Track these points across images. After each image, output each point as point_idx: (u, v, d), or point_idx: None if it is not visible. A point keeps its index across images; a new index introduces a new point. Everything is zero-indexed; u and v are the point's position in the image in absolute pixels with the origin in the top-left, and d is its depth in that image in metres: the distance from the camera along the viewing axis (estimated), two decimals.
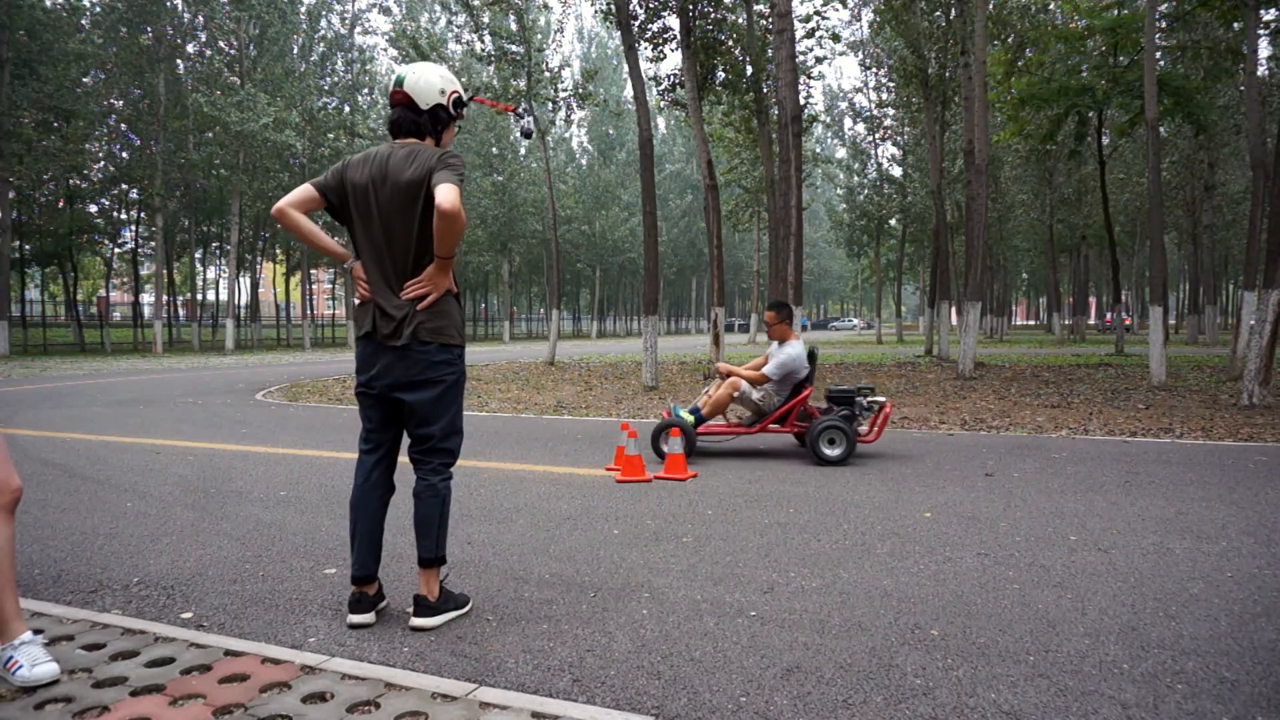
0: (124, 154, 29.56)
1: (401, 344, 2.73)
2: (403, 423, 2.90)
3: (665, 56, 15.25)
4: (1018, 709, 2.18)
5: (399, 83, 2.84)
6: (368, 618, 2.82)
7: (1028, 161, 26.40)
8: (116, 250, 36.16)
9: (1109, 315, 45.84)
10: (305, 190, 2.79)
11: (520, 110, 3.18)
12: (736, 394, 6.26)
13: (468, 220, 38.32)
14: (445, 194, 2.56)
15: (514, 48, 16.99)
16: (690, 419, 6.17)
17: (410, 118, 2.84)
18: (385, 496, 2.92)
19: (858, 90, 32.05)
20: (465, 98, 2.97)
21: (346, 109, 32.90)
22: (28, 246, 30.08)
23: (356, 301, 2.87)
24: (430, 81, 2.85)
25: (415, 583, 3.24)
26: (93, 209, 31.29)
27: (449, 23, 19.87)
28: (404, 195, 2.71)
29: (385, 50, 45.41)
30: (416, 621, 2.79)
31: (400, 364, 2.75)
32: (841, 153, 37.94)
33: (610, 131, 53.01)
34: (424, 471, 2.86)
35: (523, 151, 43.07)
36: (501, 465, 5.99)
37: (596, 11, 15.27)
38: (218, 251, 40.88)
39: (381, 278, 2.78)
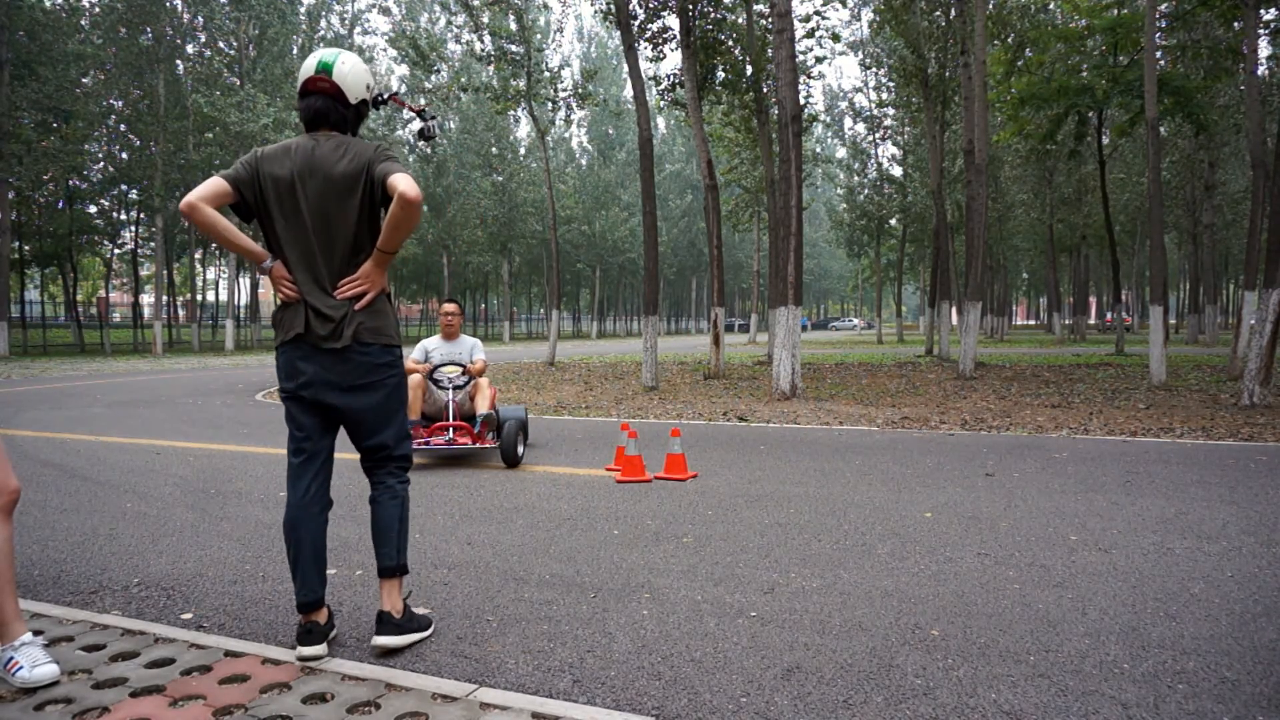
0: (124, 155, 29.57)
1: (341, 345, 2.52)
2: (339, 431, 2.70)
3: (665, 56, 15.26)
4: (1018, 709, 2.18)
5: (324, 69, 2.59)
6: (320, 649, 2.50)
7: (1028, 161, 26.40)
8: (116, 251, 36.17)
9: (1109, 315, 45.86)
10: (215, 183, 2.49)
11: (425, 112, 3.18)
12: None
13: (466, 220, 38.66)
14: (407, 183, 2.42)
15: (514, 48, 16.99)
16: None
17: (339, 110, 2.63)
18: (325, 512, 2.65)
19: (858, 90, 32.06)
20: (384, 95, 2.84)
21: None
22: (27, 247, 30.08)
23: (278, 303, 2.62)
24: (360, 74, 2.66)
25: (412, 581, 3.25)
26: (92, 210, 31.30)
27: (449, 23, 19.87)
28: (339, 188, 2.53)
29: (385, 50, 45.48)
30: (381, 641, 2.54)
31: (340, 367, 2.55)
32: (841, 153, 37.94)
33: (610, 131, 53.03)
34: (380, 476, 2.70)
35: (522, 152, 43.10)
36: (501, 466, 5.99)
37: (596, 11, 15.27)
38: (218, 252, 40.86)
39: (312, 277, 2.55)
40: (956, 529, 4.01)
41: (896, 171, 31.81)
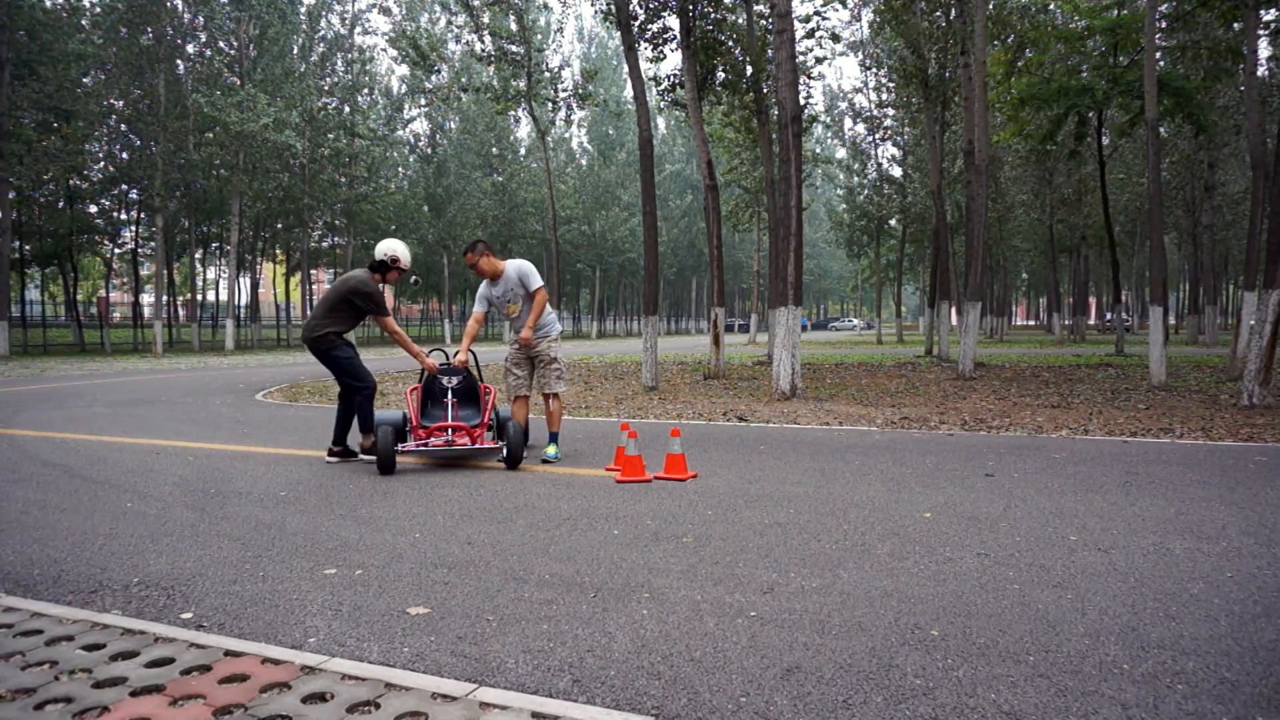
0: (124, 154, 29.56)
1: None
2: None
3: (665, 56, 15.24)
4: (1018, 709, 2.18)
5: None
6: None
7: (1028, 161, 26.39)
8: (116, 251, 36.16)
9: (1109, 315, 45.86)
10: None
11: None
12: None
13: (468, 221, 39.26)
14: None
15: (514, 48, 17.01)
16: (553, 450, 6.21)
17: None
18: None
19: (858, 90, 32.06)
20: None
21: (346, 109, 32.92)
22: (28, 247, 30.06)
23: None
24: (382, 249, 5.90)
25: (412, 581, 3.27)
26: (93, 209, 31.28)
27: (449, 23, 19.88)
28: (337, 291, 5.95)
29: (385, 50, 45.50)
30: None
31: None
32: (841, 153, 37.94)
33: (610, 132, 53.01)
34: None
35: (523, 152, 43.10)
36: (501, 465, 5.98)
37: (596, 12, 15.26)
38: (218, 252, 40.88)
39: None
40: (956, 529, 4.01)
41: (896, 172, 31.83)
